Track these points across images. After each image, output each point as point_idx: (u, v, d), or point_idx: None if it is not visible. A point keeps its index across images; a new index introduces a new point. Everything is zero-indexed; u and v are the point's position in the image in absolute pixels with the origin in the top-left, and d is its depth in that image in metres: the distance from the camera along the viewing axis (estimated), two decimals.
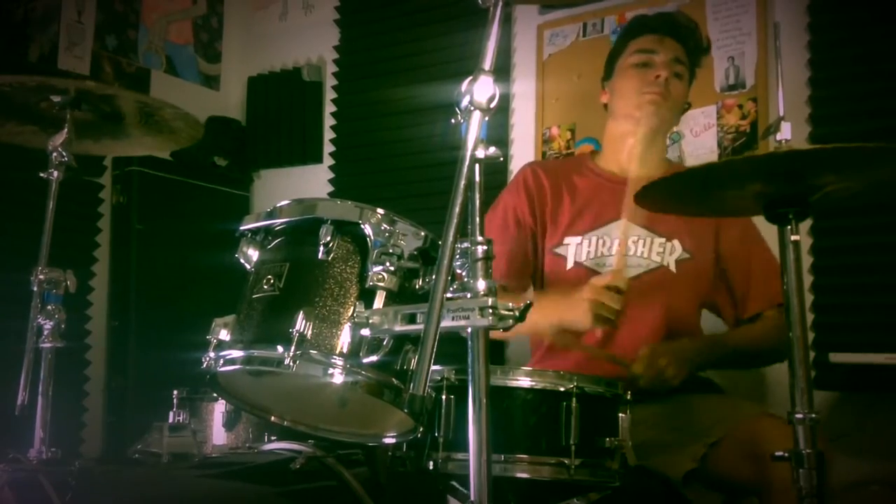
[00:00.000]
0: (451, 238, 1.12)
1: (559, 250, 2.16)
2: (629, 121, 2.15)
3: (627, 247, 2.08)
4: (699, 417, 1.85)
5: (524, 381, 1.56)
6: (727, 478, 1.81)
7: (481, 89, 1.16)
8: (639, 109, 2.12)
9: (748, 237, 2.14)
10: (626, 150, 2.17)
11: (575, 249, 2.13)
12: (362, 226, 1.41)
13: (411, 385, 1.09)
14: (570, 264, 2.13)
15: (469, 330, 1.17)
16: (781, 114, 1.45)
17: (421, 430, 1.49)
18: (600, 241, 2.12)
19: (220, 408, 2.08)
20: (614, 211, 2.11)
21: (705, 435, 1.79)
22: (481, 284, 1.17)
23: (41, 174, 1.85)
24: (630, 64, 2.16)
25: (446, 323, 1.14)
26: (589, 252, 2.12)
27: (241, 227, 1.53)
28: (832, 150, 1.37)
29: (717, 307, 2.20)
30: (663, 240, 2.10)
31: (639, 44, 2.17)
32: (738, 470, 1.76)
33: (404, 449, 1.61)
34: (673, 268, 2.09)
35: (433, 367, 1.11)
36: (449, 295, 1.16)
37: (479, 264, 1.18)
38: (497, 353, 2.83)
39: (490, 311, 1.15)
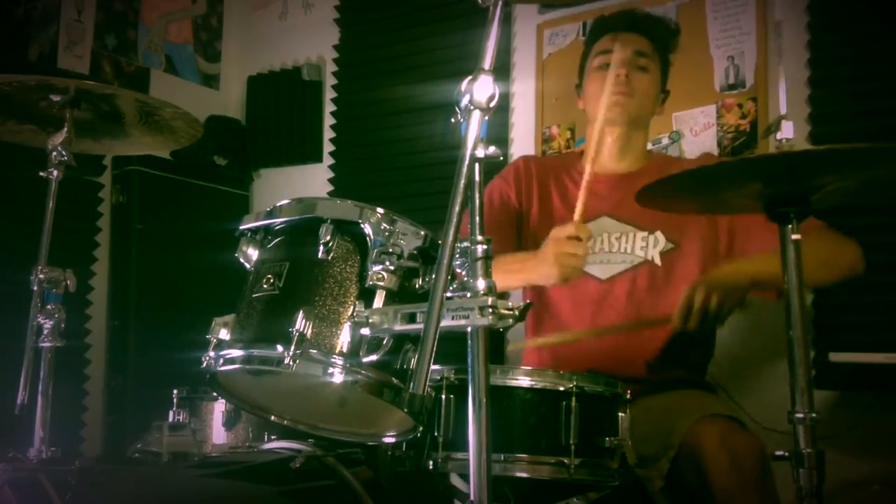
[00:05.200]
0: (450, 237, 1.12)
1: None
2: (601, 123, 2.16)
3: (611, 243, 2.09)
4: (662, 424, 1.81)
5: (524, 381, 1.56)
6: (688, 492, 1.76)
7: (481, 89, 1.16)
8: (607, 111, 2.11)
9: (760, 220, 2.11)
10: (607, 151, 2.19)
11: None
12: (362, 225, 1.41)
13: (411, 384, 1.09)
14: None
15: (469, 329, 1.17)
16: (782, 113, 1.45)
17: (420, 429, 1.49)
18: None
19: (220, 407, 2.08)
20: (595, 208, 2.12)
21: (668, 447, 1.76)
22: (481, 284, 1.17)
23: (41, 173, 1.85)
24: (593, 68, 2.19)
25: (446, 322, 1.15)
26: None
27: (241, 227, 1.53)
28: (825, 151, 1.38)
29: None
30: (645, 233, 2.10)
31: (599, 46, 2.20)
32: (691, 481, 1.73)
33: (404, 448, 1.61)
34: (658, 261, 2.08)
35: (433, 367, 1.11)
36: (449, 294, 1.16)
37: (479, 263, 1.18)
38: (497, 352, 2.83)
39: (490, 310, 1.15)
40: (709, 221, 2.11)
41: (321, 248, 1.41)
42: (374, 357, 1.36)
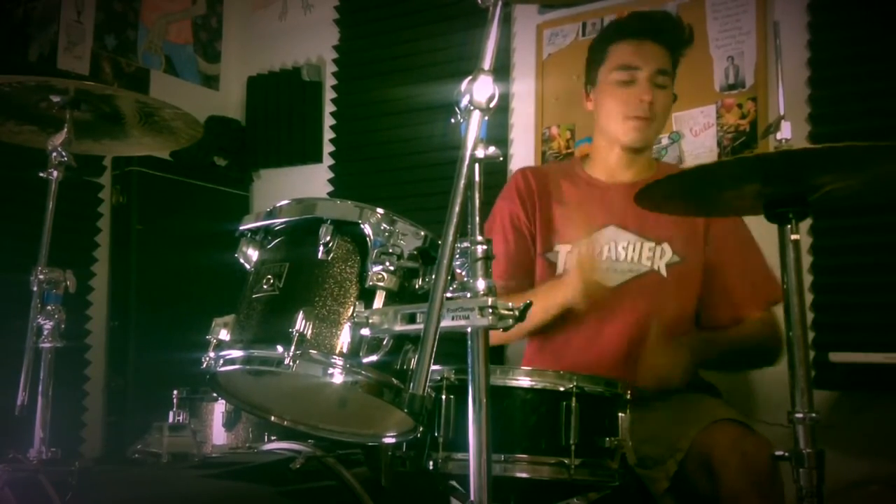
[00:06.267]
0: (450, 238, 1.12)
1: (550, 256, 2.17)
2: (615, 139, 2.15)
3: (618, 252, 2.09)
4: (669, 428, 1.82)
5: (524, 381, 1.56)
6: (695, 493, 1.77)
7: (481, 89, 1.16)
8: (625, 135, 2.11)
9: (736, 239, 2.12)
10: (615, 160, 2.18)
11: (565, 256, 2.13)
12: (362, 225, 1.41)
13: (411, 385, 1.09)
14: (559, 270, 2.13)
15: (469, 330, 1.17)
16: (782, 113, 1.45)
17: (421, 429, 1.49)
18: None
19: (220, 408, 2.08)
20: (602, 218, 2.12)
21: (675, 449, 1.77)
22: (481, 284, 1.17)
23: (41, 174, 1.85)
24: (613, 81, 2.10)
25: (446, 323, 1.14)
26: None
27: (241, 227, 1.53)
28: (823, 149, 1.38)
29: (705, 309, 2.16)
30: (653, 244, 2.09)
31: (619, 54, 2.11)
32: (700, 484, 1.74)
33: (404, 449, 1.61)
34: (664, 272, 2.08)
35: (433, 367, 1.11)
36: (449, 295, 1.16)
37: (479, 264, 1.18)
38: (497, 353, 2.83)
39: (490, 310, 1.15)
40: (705, 237, 2.11)
41: (321, 248, 1.41)
42: (374, 357, 1.36)
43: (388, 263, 1.38)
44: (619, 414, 1.60)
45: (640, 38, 2.11)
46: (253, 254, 1.51)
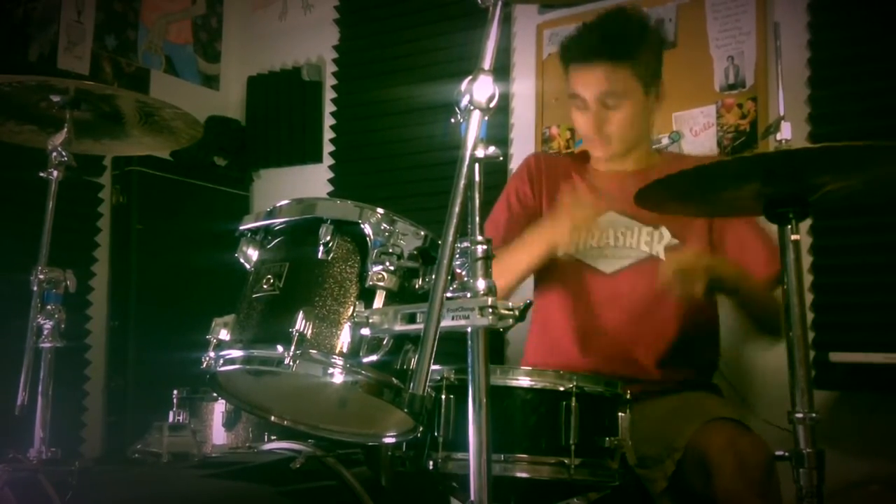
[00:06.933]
0: (450, 238, 1.12)
1: None
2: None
3: (617, 238, 2.11)
4: (666, 427, 1.81)
5: (524, 381, 1.56)
6: (692, 493, 1.77)
7: (481, 89, 1.16)
8: (592, 151, 2.20)
9: (739, 221, 2.10)
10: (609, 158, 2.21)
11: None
12: (362, 225, 1.41)
13: (411, 384, 1.09)
14: (560, 252, 2.14)
15: (469, 330, 1.17)
16: (782, 113, 1.45)
17: (421, 429, 1.49)
18: (589, 234, 2.12)
19: (220, 408, 2.08)
20: (602, 205, 2.14)
21: (673, 449, 1.76)
22: (481, 284, 1.17)
23: (41, 174, 1.85)
24: (573, 106, 2.14)
25: (446, 322, 1.14)
26: (578, 243, 2.12)
27: (241, 227, 1.53)
28: (822, 148, 1.38)
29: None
30: (650, 228, 2.09)
31: (572, 79, 2.12)
32: (696, 484, 1.73)
33: (404, 449, 1.61)
34: (662, 256, 2.08)
35: (433, 367, 1.11)
36: (449, 294, 1.16)
37: (479, 264, 1.18)
38: (497, 352, 2.83)
39: (490, 310, 1.15)
40: (706, 219, 2.11)
41: (321, 248, 1.41)
42: (374, 357, 1.36)
43: (388, 263, 1.38)
44: (619, 414, 1.60)
45: (586, 62, 2.10)
46: (253, 254, 1.51)
